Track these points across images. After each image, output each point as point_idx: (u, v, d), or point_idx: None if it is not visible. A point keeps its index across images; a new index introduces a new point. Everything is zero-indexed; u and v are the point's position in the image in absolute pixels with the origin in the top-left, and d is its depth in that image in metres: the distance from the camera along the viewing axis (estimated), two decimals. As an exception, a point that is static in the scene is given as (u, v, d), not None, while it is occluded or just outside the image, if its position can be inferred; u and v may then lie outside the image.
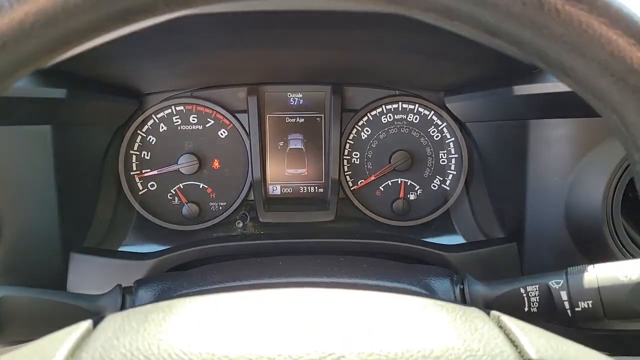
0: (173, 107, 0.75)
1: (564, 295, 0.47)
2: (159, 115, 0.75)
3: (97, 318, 0.35)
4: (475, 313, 0.35)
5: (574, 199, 0.57)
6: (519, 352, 0.31)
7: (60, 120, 0.60)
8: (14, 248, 0.59)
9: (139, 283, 0.51)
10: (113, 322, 0.34)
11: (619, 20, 0.27)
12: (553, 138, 0.57)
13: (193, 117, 0.75)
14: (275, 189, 0.78)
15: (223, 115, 0.75)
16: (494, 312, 0.35)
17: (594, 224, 0.58)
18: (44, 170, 0.59)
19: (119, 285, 0.49)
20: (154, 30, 0.50)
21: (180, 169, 0.74)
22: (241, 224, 0.74)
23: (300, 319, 0.33)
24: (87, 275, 0.61)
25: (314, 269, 0.53)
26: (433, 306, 0.36)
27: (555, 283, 0.47)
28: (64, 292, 0.50)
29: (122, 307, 0.45)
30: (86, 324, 0.34)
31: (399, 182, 0.78)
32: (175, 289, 0.49)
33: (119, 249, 0.72)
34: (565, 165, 0.57)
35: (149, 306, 0.36)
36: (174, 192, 0.75)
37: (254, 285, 0.48)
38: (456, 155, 0.77)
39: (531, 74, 0.56)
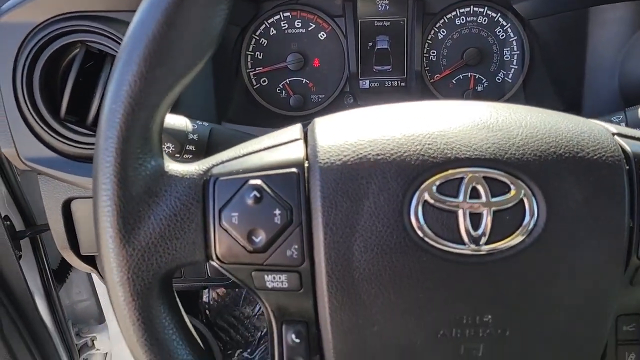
0: (281, 13, 0.89)
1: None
2: (269, 21, 0.89)
3: (305, 122, 0.49)
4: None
5: (626, 70, 0.71)
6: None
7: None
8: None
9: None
10: (321, 123, 0.46)
11: None
12: (610, 20, 0.70)
13: (298, 22, 0.90)
14: (364, 84, 0.93)
15: (323, 20, 0.90)
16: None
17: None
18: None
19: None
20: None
21: (288, 66, 0.89)
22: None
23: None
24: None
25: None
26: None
27: (615, 119, 0.62)
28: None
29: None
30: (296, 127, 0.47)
31: (469, 75, 0.93)
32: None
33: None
34: (620, 41, 0.70)
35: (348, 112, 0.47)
36: (281, 87, 0.91)
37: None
38: (518, 52, 0.91)
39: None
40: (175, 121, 0.58)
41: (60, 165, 0.69)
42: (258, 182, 0.42)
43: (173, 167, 0.44)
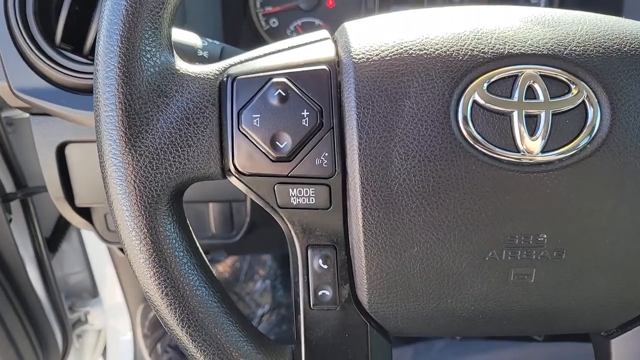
0: (293, -52, 0.84)
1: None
2: (280, -44, 0.84)
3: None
4: None
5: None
6: None
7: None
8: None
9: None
10: (353, 24, 0.41)
11: None
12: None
13: (311, -43, 0.84)
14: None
15: (338, -45, 0.84)
16: None
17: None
18: None
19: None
20: None
21: (300, 5, 0.84)
22: None
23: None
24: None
25: None
26: None
27: None
28: None
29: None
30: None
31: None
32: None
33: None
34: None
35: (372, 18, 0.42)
36: (293, 29, 0.85)
37: None
38: (546, -7, 0.86)
39: None
40: (184, 36, 0.52)
41: (55, 97, 0.63)
42: (283, 79, 0.37)
43: (186, 66, 0.39)
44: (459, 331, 0.43)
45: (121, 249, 1.06)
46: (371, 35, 0.38)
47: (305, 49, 0.39)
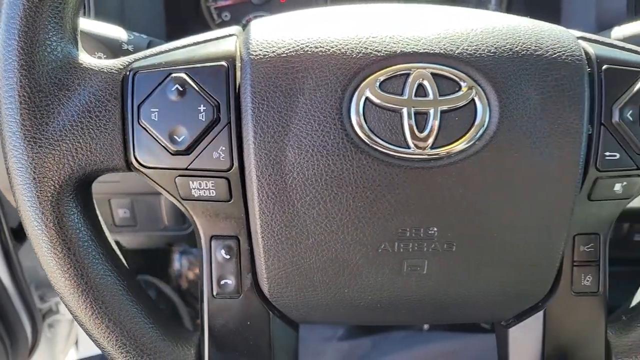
0: (244, -58, 0.84)
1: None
2: (232, -49, 0.84)
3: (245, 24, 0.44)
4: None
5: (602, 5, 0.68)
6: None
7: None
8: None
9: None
10: (259, 20, 0.42)
11: None
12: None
13: (262, -48, 0.84)
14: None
15: (289, -50, 0.85)
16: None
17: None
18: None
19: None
20: None
21: (252, 0, 0.84)
22: None
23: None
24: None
25: None
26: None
27: None
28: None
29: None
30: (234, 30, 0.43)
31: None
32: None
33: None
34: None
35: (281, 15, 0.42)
36: (245, 22, 0.86)
37: None
38: (496, -10, 0.87)
39: None
40: (108, 29, 0.52)
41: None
42: (182, 75, 0.38)
43: (89, 60, 0.39)
44: (361, 319, 0.45)
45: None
46: (271, 33, 0.39)
47: (208, 45, 0.40)
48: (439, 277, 0.41)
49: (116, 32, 0.53)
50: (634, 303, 0.46)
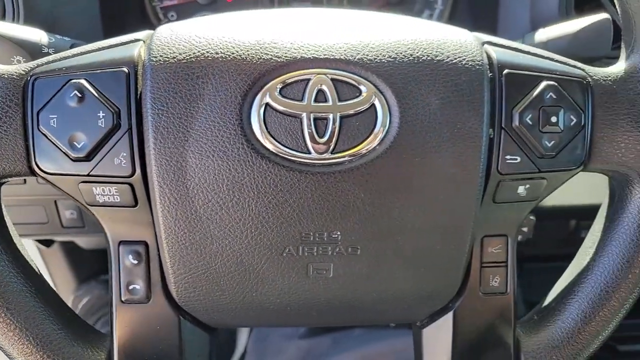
0: (189, -58, 0.83)
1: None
2: (176, -50, 0.83)
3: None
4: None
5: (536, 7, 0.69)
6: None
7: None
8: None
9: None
10: (166, 25, 0.41)
11: None
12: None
13: (207, -48, 0.84)
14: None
15: (234, -50, 0.84)
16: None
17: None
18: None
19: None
20: None
21: (198, 0, 0.84)
22: None
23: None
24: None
25: None
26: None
27: None
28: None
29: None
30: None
31: (391, 15, 0.88)
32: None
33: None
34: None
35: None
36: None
37: None
38: (442, -10, 0.87)
39: None
40: (28, 32, 0.52)
41: None
42: (81, 80, 0.38)
43: None
44: (273, 322, 0.45)
45: (38, 241, 1.06)
46: (174, 38, 0.39)
47: (112, 50, 0.40)
48: (346, 280, 0.41)
49: (36, 35, 0.52)
50: (546, 302, 0.47)
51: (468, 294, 0.44)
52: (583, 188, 0.50)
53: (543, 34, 0.57)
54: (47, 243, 1.09)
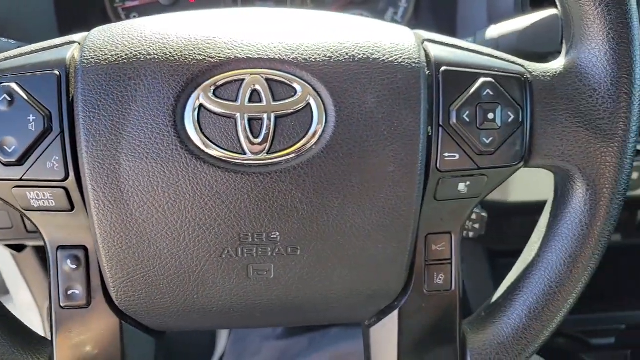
0: (149, -58, 0.83)
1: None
2: (137, -50, 0.83)
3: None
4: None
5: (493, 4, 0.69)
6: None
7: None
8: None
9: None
10: (101, 27, 0.41)
11: None
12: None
13: (168, -48, 0.83)
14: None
15: (195, -50, 0.84)
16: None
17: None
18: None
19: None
20: None
21: (159, 0, 0.83)
22: None
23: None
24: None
25: None
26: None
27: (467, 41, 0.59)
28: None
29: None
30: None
31: (356, 13, 0.88)
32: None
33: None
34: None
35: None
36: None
37: None
38: (406, -12, 0.87)
39: None
40: None
41: None
42: (11, 84, 0.37)
43: None
44: (217, 324, 0.45)
45: (9, 246, 1.04)
46: (108, 39, 0.39)
47: (45, 53, 0.40)
48: (287, 280, 0.41)
49: None
50: (494, 299, 0.47)
51: (413, 292, 0.44)
52: (551, 183, 0.50)
53: (494, 30, 0.57)
54: (18, 248, 1.08)
